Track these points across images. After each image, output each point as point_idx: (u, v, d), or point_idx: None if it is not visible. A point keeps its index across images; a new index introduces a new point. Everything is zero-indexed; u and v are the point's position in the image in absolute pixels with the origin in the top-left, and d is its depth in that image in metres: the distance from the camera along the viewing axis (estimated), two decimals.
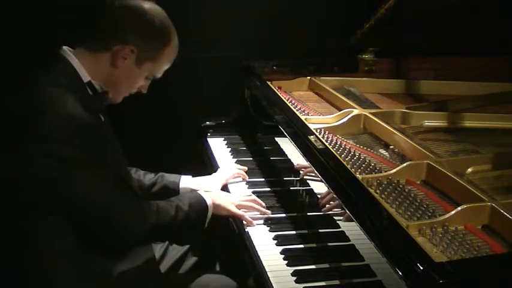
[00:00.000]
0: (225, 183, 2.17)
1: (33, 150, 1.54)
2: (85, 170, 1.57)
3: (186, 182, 2.10)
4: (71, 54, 1.69)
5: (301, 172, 2.19)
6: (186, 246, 2.09)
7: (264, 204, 1.98)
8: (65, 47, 1.71)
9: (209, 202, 1.88)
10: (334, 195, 1.92)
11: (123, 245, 1.72)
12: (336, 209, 1.94)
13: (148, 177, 2.08)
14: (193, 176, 2.15)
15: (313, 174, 2.13)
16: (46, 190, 1.56)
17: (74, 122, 1.55)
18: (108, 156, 1.67)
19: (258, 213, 1.95)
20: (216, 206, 1.89)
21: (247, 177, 2.23)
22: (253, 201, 1.97)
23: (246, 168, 2.27)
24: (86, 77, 1.69)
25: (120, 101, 1.81)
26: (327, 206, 1.96)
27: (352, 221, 1.49)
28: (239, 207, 1.93)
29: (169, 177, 2.11)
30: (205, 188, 2.08)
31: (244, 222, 1.90)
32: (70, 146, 1.54)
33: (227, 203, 1.92)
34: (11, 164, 1.57)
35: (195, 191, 2.04)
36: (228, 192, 2.13)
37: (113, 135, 1.78)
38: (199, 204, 1.86)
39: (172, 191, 2.07)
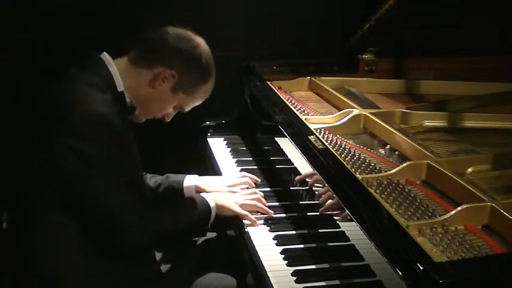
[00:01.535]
0: (231, 186, 2.11)
1: (59, 143, 1.57)
2: (103, 171, 1.60)
3: (190, 180, 2.08)
4: (111, 61, 1.74)
5: (308, 180, 2.17)
6: (187, 245, 2.10)
7: (265, 202, 1.98)
8: (105, 53, 1.75)
9: (212, 204, 1.87)
10: (332, 194, 1.93)
11: (125, 251, 1.73)
12: (333, 208, 1.94)
13: (154, 180, 2.08)
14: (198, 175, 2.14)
15: (319, 184, 2.13)
16: (63, 185, 1.59)
17: (102, 122, 1.58)
18: (128, 160, 1.69)
19: (261, 212, 1.95)
20: (220, 207, 1.89)
21: (254, 186, 2.15)
22: (257, 199, 1.96)
23: (258, 180, 2.19)
24: (120, 87, 1.73)
25: (142, 121, 1.84)
26: (325, 205, 1.96)
27: (350, 220, 1.49)
28: (242, 206, 1.92)
29: (175, 178, 2.10)
30: (211, 185, 2.08)
31: (245, 221, 1.90)
32: (94, 145, 1.58)
33: (230, 203, 1.91)
34: (37, 154, 1.60)
35: (199, 190, 2.04)
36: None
37: (134, 141, 1.79)
38: (202, 207, 1.86)
39: (177, 190, 2.07)
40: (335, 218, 1.92)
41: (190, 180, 2.08)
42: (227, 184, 2.11)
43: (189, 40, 1.79)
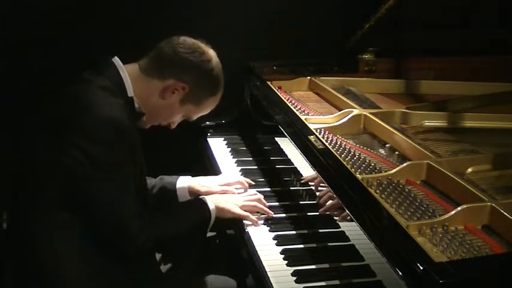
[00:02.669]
0: (225, 185, 2.12)
1: (68, 144, 1.58)
2: (110, 174, 1.61)
3: (183, 182, 2.08)
4: (122, 67, 1.75)
5: (311, 184, 2.16)
6: (187, 246, 2.10)
7: (266, 203, 1.98)
8: (117, 58, 1.76)
9: (212, 207, 1.88)
10: (332, 195, 1.93)
11: (126, 253, 1.73)
12: (333, 209, 1.95)
13: (148, 182, 2.07)
14: (193, 177, 2.14)
15: (324, 185, 2.12)
16: (68, 185, 1.60)
17: (113, 125, 1.60)
18: (135, 164, 1.71)
19: (262, 212, 1.95)
20: (220, 210, 1.89)
21: (248, 188, 2.15)
22: (258, 200, 1.97)
23: (252, 182, 2.18)
24: (130, 92, 1.74)
25: (147, 127, 1.85)
26: (325, 206, 1.96)
27: (349, 220, 1.49)
28: (243, 208, 1.92)
29: (168, 179, 2.10)
30: (204, 185, 2.08)
31: (245, 222, 1.90)
32: (104, 148, 1.59)
33: (231, 206, 1.91)
34: (43, 153, 1.62)
35: (193, 191, 2.05)
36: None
37: (141, 145, 1.80)
38: (202, 210, 1.87)
39: (170, 191, 2.07)
40: (335, 218, 1.92)
41: (183, 182, 2.08)
42: (220, 183, 2.11)
43: (202, 54, 1.80)
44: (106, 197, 1.62)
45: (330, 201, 1.96)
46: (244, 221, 1.90)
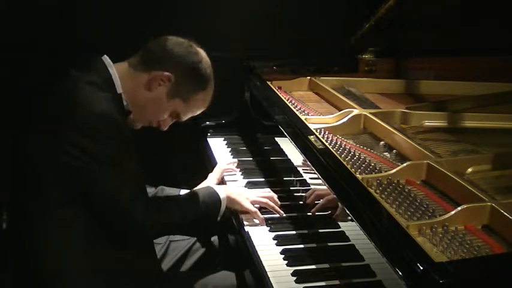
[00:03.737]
0: (220, 178, 2.18)
1: (64, 141, 1.59)
2: (109, 167, 1.62)
3: None
4: (111, 64, 1.75)
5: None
6: (187, 245, 2.10)
7: (278, 202, 1.99)
8: (106, 56, 1.76)
9: (222, 196, 1.89)
10: (319, 194, 1.97)
11: (133, 242, 1.75)
12: (325, 209, 1.96)
13: (148, 190, 2.07)
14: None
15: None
16: (69, 182, 1.61)
17: (105, 119, 1.60)
18: (131, 155, 1.72)
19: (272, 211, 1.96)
20: (231, 200, 1.90)
21: (238, 168, 2.27)
22: (270, 198, 1.97)
23: (235, 160, 2.29)
24: (119, 88, 1.74)
25: (138, 127, 1.85)
26: (316, 206, 1.97)
27: (350, 220, 1.49)
28: (253, 203, 1.93)
29: (169, 191, 2.11)
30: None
31: (245, 222, 1.90)
32: (99, 142, 1.60)
33: (242, 198, 1.92)
34: (42, 152, 1.63)
35: None
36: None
37: (133, 139, 1.80)
38: (212, 199, 1.88)
39: None
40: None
41: None
42: (215, 179, 2.16)
43: (188, 46, 1.80)
44: (105, 188, 1.63)
45: (321, 201, 1.97)
46: (244, 220, 1.90)
